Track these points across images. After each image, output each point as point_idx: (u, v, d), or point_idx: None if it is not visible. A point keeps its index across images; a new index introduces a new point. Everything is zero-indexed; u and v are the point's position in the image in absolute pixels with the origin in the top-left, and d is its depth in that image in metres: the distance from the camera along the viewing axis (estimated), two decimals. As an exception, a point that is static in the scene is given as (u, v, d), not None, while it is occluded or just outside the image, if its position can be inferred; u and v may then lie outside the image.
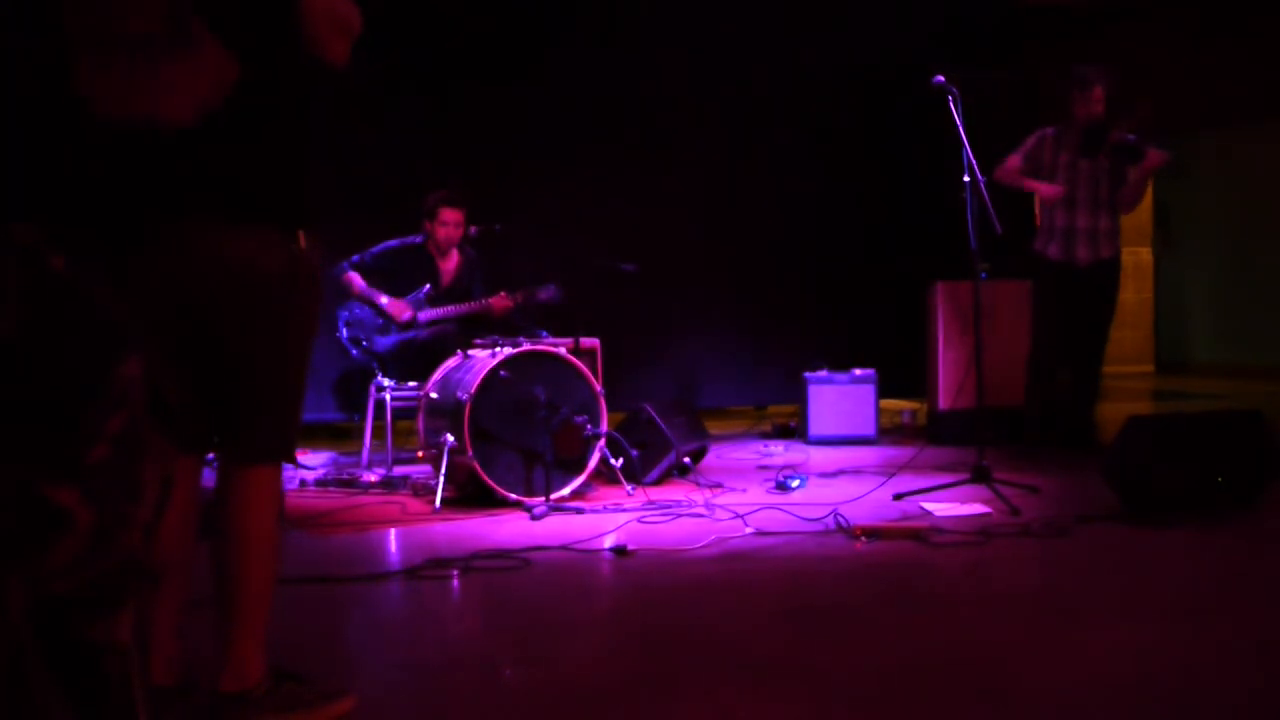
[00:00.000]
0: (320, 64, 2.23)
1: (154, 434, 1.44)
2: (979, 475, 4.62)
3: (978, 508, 4.38)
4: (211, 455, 2.35)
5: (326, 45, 2.21)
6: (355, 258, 5.75)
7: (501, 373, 4.75)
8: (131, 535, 1.40)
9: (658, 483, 5.13)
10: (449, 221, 5.77)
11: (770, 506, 4.48)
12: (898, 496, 4.64)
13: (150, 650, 2.18)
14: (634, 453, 4.94)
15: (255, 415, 2.27)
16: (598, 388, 4.94)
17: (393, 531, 4.37)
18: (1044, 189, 5.82)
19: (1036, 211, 5.22)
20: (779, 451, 6.40)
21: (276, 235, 2.22)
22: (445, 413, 4.84)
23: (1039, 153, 5.86)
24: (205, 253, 2.17)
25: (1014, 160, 5.89)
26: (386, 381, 5.62)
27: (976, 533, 3.98)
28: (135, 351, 1.42)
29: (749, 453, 6.39)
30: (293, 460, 2.39)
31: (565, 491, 4.75)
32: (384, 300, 5.69)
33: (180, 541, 2.24)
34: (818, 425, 6.70)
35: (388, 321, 5.72)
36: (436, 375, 5.16)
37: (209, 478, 2.34)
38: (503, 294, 5.78)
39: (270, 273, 2.20)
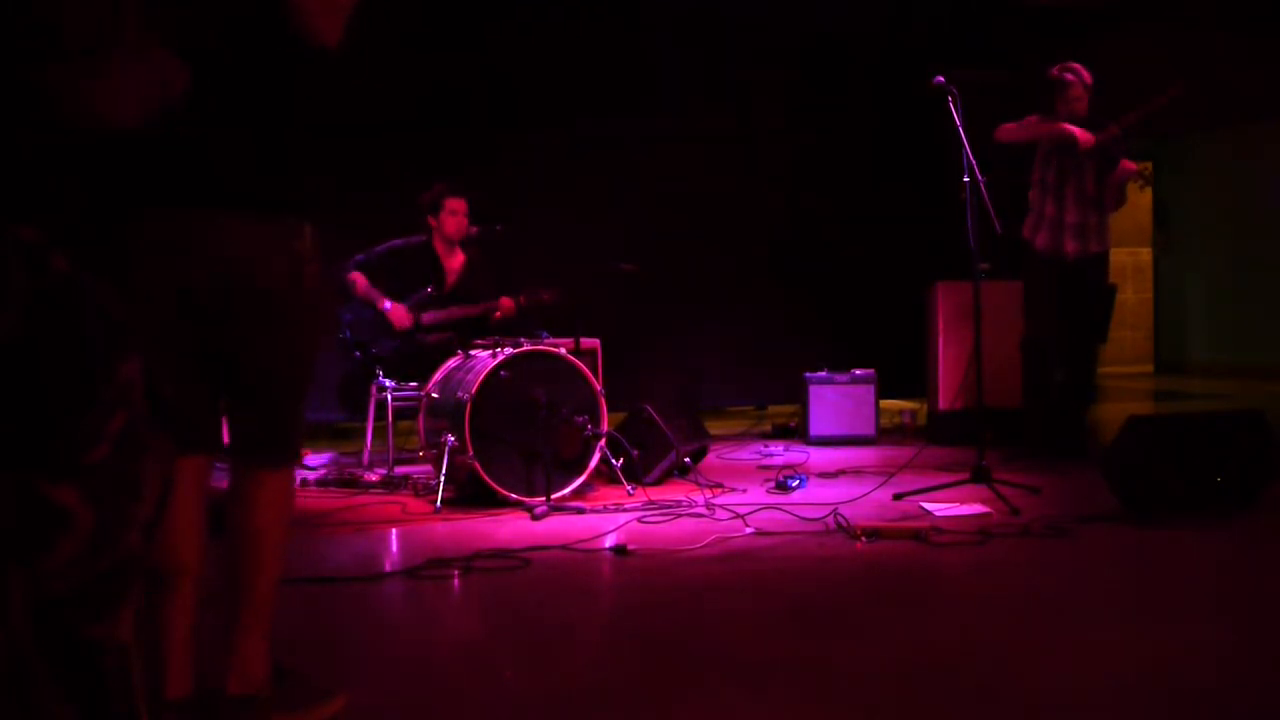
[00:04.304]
0: (310, 46, 2.11)
1: (154, 433, 1.44)
2: (979, 475, 4.62)
3: (978, 508, 4.38)
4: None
5: (316, 23, 2.09)
6: (359, 257, 5.72)
7: (502, 373, 4.75)
8: (132, 535, 1.40)
9: (658, 483, 5.13)
10: (457, 210, 5.75)
11: (770, 506, 4.48)
12: (898, 496, 4.64)
13: (167, 660, 2.16)
14: (634, 453, 4.94)
15: (267, 418, 2.26)
16: (598, 388, 4.94)
17: (393, 531, 4.37)
18: (1080, 132, 5.49)
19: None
20: (779, 452, 6.40)
21: (278, 232, 2.16)
22: (446, 412, 4.84)
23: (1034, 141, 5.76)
24: (205, 253, 2.12)
25: (1029, 119, 5.69)
26: (388, 382, 5.61)
27: (976, 533, 3.98)
28: (135, 350, 1.42)
29: (749, 453, 6.39)
30: (298, 461, 2.38)
31: (566, 491, 4.76)
32: (386, 304, 5.66)
33: (193, 545, 2.21)
34: (818, 425, 6.70)
35: (389, 324, 5.69)
36: (438, 375, 5.16)
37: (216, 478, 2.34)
38: (507, 299, 5.77)
39: (273, 273, 2.16)
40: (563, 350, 4.98)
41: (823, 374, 6.73)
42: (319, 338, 2.34)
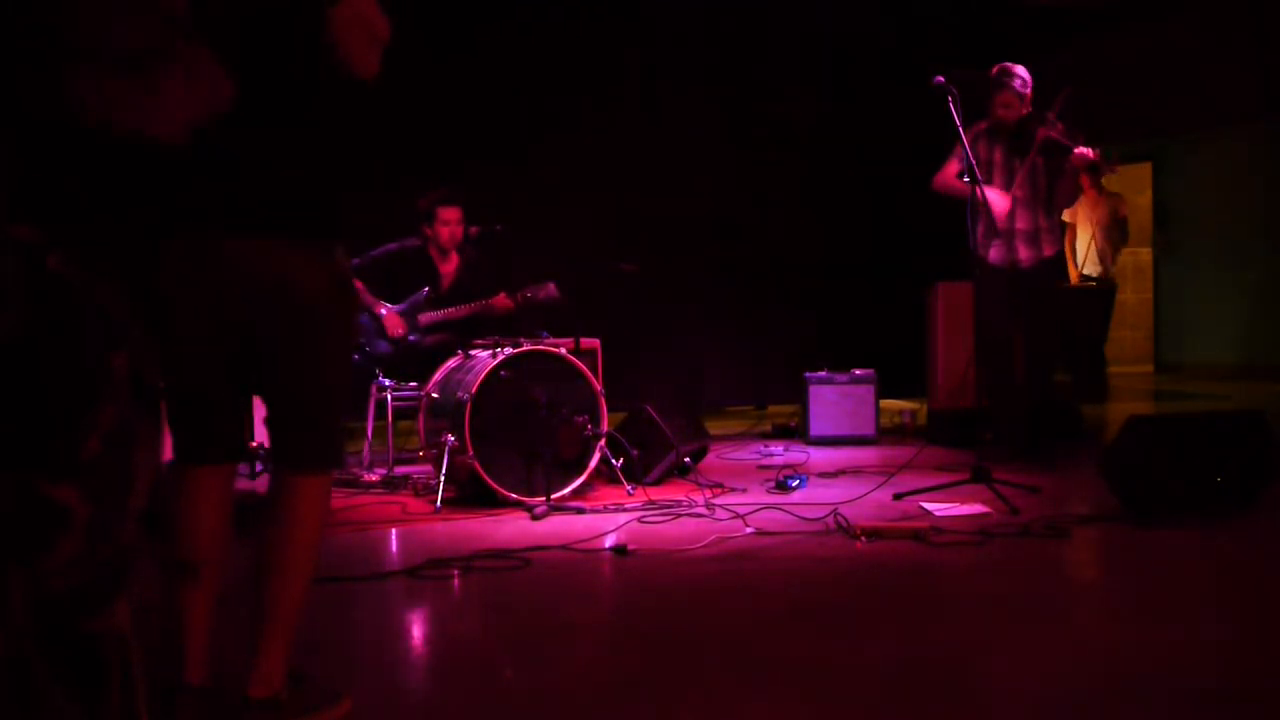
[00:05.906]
0: (349, 75, 2.19)
1: (142, 421, 1.44)
2: (979, 475, 4.62)
3: (978, 508, 4.38)
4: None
5: (356, 57, 2.18)
6: (355, 262, 5.71)
7: (502, 373, 4.75)
8: (126, 525, 1.41)
9: (658, 483, 5.13)
10: (450, 220, 5.75)
11: (770, 506, 4.48)
12: (898, 496, 4.64)
13: (186, 647, 2.22)
14: (634, 453, 4.94)
15: (303, 426, 2.29)
16: (598, 387, 4.94)
17: (393, 531, 4.37)
18: (995, 201, 5.36)
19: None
20: (779, 452, 6.40)
21: (314, 252, 2.22)
22: (446, 412, 4.84)
23: (974, 149, 5.36)
24: (243, 270, 2.16)
25: (952, 166, 5.54)
26: (387, 381, 5.61)
27: (976, 533, 3.98)
28: (123, 343, 1.42)
29: (749, 453, 6.38)
30: (340, 466, 2.40)
31: (566, 491, 4.75)
32: (382, 310, 5.66)
33: (218, 541, 2.27)
34: (818, 425, 6.70)
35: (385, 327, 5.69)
36: (437, 375, 5.16)
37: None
38: (503, 295, 5.77)
39: (310, 291, 2.20)
40: (563, 350, 4.98)
41: (823, 374, 6.73)
42: (350, 353, 2.38)
